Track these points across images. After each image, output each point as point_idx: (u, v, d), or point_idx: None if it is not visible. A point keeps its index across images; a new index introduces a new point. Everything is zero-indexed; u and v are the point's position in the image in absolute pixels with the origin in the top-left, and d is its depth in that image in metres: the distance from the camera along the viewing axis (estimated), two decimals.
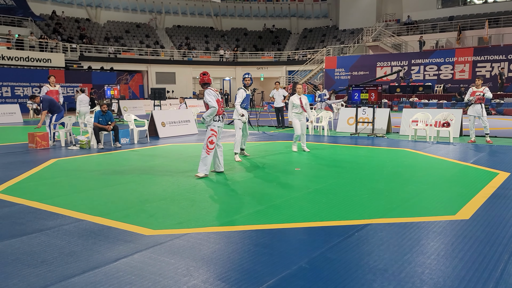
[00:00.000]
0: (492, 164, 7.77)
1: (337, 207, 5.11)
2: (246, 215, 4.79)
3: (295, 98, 9.36)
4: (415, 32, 31.87)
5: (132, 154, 9.51)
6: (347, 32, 37.87)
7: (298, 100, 9.32)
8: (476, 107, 10.67)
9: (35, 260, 3.57)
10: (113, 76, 31.24)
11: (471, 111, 10.79)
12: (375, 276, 3.22)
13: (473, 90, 10.82)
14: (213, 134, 6.79)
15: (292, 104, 9.35)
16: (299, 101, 9.31)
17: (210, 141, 6.73)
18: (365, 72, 29.45)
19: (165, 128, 12.94)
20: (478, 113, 10.66)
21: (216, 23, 42.08)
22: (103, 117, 10.48)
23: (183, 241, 3.99)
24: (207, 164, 6.74)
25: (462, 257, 3.55)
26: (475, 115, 10.75)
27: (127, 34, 36.69)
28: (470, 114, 10.84)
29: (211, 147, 6.75)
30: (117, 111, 21.33)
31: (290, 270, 3.33)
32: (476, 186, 6.05)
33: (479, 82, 10.88)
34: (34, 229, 4.37)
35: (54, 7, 34.42)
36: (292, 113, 9.38)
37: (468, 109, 11.06)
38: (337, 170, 7.41)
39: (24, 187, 6.27)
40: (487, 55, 25.63)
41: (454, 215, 4.71)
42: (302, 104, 9.29)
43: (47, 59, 27.75)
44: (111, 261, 3.53)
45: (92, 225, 4.47)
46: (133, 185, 6.32)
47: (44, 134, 10.51)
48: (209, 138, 6.74)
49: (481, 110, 10.60)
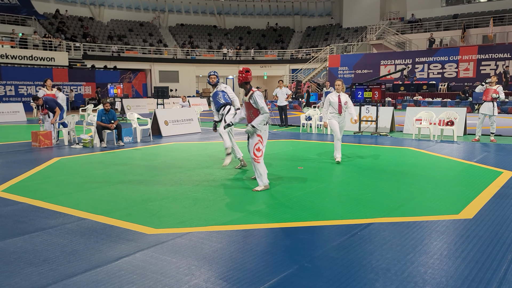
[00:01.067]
0: (496, 163, 7.72)
1: (339, 206, 5.10)
2: (248, 214, 4.78)
3: (333, 96, 7.90)
4: (419, 30, 31.73)
5: (135, 153, 9.52)
6: (351, 30, 37.75)
7: (336, 98, 7.86)
8: (489, 105, 10.47)
9: (37, 258, 3.58)
10: (116, 75, 31.29)
11: (484, 109, 10.56)
12: (378, 275, 3.20)
13: (487, 88, 10.58)
14: (260, 140, 5.89)
15: (329, 102, 7.91)
16: (337, 99, 7.85)
17: (257, 149, 5.87)
18: (368, 70, 29.35)
19: (168, 126, 12.95)
20: (490, 111, 10.46)
21: (220, 22, 42.05)
22: (106, 116, 10.49)
23: (185, 240, 3.98)
24: (263, 174, 5.89)
25: (465, 257, 3.53)
26: (486, 114, 10.55)
27: (131, 32, 36.73)
28: (482, 112, 10.62)
29: (259, 154, 5.88)
30: (120, 109, 21.37)
31: (292, 269, 3.32)
32: (479, 185, 6.01)
33: (494, 79, 10.65)
34: (36, 227, 4.38)
35: (58, 5, 34.51)
36: (329, 114, 7.95)
37: (480, 107, 10.88)
38: (340, 169, 7.38)
39: (27, 185, 6.29)
40: (491, 53, 25.48)
41: (457, 215, 4.69)
42: (341, 103, 7.83)
43: (51, 57, 27.83)
44: (113, 260, 3.53)
45: (94, 224, 4.48)
46: (136, 184, 6.33)
47: (48, 132, 10.54)
48: (255, 145, 5.84)
49: (493, 109, 10.45)
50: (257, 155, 5.85)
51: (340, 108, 7.83)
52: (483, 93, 10.70)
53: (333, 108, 7.86)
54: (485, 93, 10.62)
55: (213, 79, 7.38)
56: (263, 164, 5.91)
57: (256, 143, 5.86)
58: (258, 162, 5.85)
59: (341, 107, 7.82)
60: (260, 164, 5.86)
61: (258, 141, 5.87)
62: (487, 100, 10.53)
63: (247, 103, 5.94)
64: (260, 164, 5.86)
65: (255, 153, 5.85)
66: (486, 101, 10.56)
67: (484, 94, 10.63)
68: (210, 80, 7.40)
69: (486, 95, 10.57)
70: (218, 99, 7.26)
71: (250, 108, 5.89)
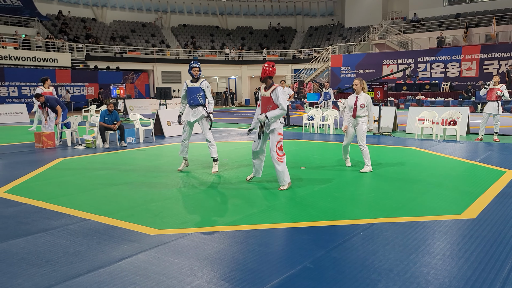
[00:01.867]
0: (499, 162, 7.69)
1: (342, 206, 5.09)
2: (250, 215, 4.78)
3: (351, 98, 7.18)
4: (421, 30, 31.65)
5: (137, 154, 9.53)
6: (353, 30, 37.70)
7: (353, 100, 7.10)
8: (493, 104, 10.49)
9: (40, 259, 3.59)
10: (119, 76, 31.35)
11: (488, 108, 10.58)
12: (380, 276, 3.19)
13: (491, 88, 10.59)
14: (282, 138, 5.83)
15: (349, 105, 7.20)
16: (354, 101, 7.08)
17: (280, 147, 5.77)
18: (371, 70, 29.29)
19: (170, 127, 12.96)
20: (495, 110, 10.47)
21: (222, 22, 42.08)
22: (109, 117, 10.51)
23: (188, 240, 3.98)
24: (286, 173, 5.82)
25: (468, 257, 3.52)
26: (491, 113, 10.56)
27: (133, 33, 36.80)
28: (487, 111, 10.64)
29: (282, 154, 5.79)
30: (123, 110, 21.40)
31: (294, 270, 3.32)
32: (482, 185, 5.99)
33: (497, 78, 10.66)
34: (39, 228, 4.39)
35: (60, 7, 34.61)
36: (347, 117, 7.30)
37: (484, 107, 10.89)
38: (343, 169, 7.37)
39: (30, 186, 6.31)
40: (494, 53, 25.38)
41: (460, 215, 4.67)
42: (356, 105, 7.02)
43: (54, 58, 27.91)
44: (116, 260, 3.54)
45: (97, 225, 4.48)
46: (138, 185, 6.33)
47: (50, 133, 10.57)
48: (278, 144, 5.77)
49: (498, 108, 10.45)
50: (279, 154, 5.76)
51: (355, 111, 7.02)
52: (487, 94, 10.68)
53: (349, 111, 7.21)
54: (489, 93, 10.61)
55: (196, 71, 7.01)
56: (285, 164, 5.82)
57: (278, 141, 5.77)
58: (281, 162, 5.75)
59: (356, 110, 6.99)
60: (283, 163, 5.77)
61: (280, 139, 5.79)
62: (491, 99, 10.51)
63: (266, 97, 5.85)
64: (283, 163, 5.77)
65: (278, 152, 5.75)
66: (490, 100, 10.55)
67: (488, 94, 10.61)
68: (194, 73, 6.99)
69: (490, 95, 10.56)
70: (198, 97, 6.95)
71: (270, 102, 5.79)
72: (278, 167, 5.79)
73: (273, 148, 5.75)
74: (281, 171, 5.79)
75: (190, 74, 7.07)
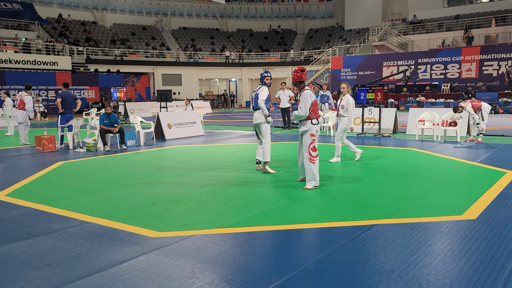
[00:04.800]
0: (500, 163, 7.69)
1: (343, 208, 5.09)
2: (252, 217, 4.78)
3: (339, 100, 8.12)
4: (421, 31, 31.69)
5: (138, 156, 9.54)
6: (353, 32, 37.74)
7: (338, 101, 8.12)
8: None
9: (41, 263, 3.59)
10: (119, 79, 31.40)
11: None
12: (382, 277, 3.19)
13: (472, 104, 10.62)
14: (314, 139, 5.98)
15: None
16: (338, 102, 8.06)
17: (313, 148, 5.92)
18: (371, 71, 29.31)
19: (171, 129, 12.98)
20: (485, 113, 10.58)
21: (222, 25, 42.15)
22: (108, 120, 10.53)
23: (189, 243, 3.99)
24: (315, 174, 5.96)
25: (469, 258, 3.52)
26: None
27: (133, 36, 36.87)
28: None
29: (315, 154, 5.92)
30: (124, 113, 21.42)
31: (296, 271, 3.32)
32: (483, 186, 5.99)
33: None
34: (40, 231, 4.39)
35: (61, 10, 34.70)
36: None
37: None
38: (344, 170, 7.37)
39: (31, 190, 6.32)
40: (494, 54, 25.40)
41: (461, 215, 4.67)
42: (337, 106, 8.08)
43: (54, 62, 27.96)
44: (117, 263, 3.54)
45: (98, 228, 4.49)
46: (139, 187, 6.34)
47: (51, 136, 10.58)
48: (310, 145, 5.92)
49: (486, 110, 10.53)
50: (312, 155, 5.92)
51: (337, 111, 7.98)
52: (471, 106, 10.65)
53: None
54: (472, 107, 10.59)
55: (268, 80, 7.43)
56: (317, 165, 5.98)
57: (311, 143, 5.94)
58: (313, 163, 5.90)
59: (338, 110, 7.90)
60: (315, 164, 5.91)
61: (312, 140, 5.96)
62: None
63: (298, 100, 6.16)
64: (315, 164, 5.91)
65: (311, 153, 5.91)
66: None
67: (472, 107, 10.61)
68: (267, 82, 7.40)
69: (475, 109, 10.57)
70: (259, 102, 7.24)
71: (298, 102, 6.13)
72: (309, 167, 5.95)
73: (306, 148, 5.97)
74: (312, 171, 5.95)
75: (263, 83, 7.36)
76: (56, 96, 11.00)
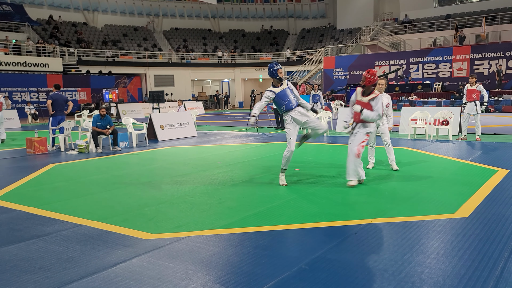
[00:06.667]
0: (491, 161, 7.75)
1: (336, 207, 5.10)
2: (245, 217, 4.77)
3: None
4: (412, 31, 31.89)
5: (131, 158, 9.49)
6: (345, 32, 37.89)
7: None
8: (471, 105, 10.68)
9: (32, 266, 3.56)
10: (111, 80, 31.23)
11: (467, 109, 10.81)
12: (375, 276, 3.20)
13: (468, 89, 10.80)
14: (367, 139, 6.30)
15: None
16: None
17: (362, 146, 6.19)
18: (363, 71, 29.32)
19: (164, 131, 12.92)
20: (472, 111, 10.66)
21: (214, 25, 42.10)
22: (102, 121, 10.46)
23: (182, 244, 3.97)
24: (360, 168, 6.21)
25: (461, 256, 3.54)
26: (469, 113, 10.75)
27: (125, 37, 36.70)
28: (466, 112, 10.84)
29: (362, 151, 6.20)
30: (116, 115, 21.30)
31: (289, 272, 3.32)
32: (475, 184, 6.03)
33: (473, 80, 10.88)
34: (32, 235, 4.35)
35: (51, 11, 34.42)
36: None
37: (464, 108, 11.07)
38: (337, 170, 7.39)
39: (22, 192, 6.25)
40: (484, 53, 25.63)
41: (453, 214, 4.70)
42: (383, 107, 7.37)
43: (45, 63, 27.74)
44: (110, 266, 3.51)
45: (90, 230, 4.45)
46: (132, 189, 6.30)
47: (42, 139, 10.49)
48: (362, 143, 6.19)
49: (476, 108, 10.59)
50: (360, 151, 6.16)
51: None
52: (466, 95, 10.80)
53: None
54: (467, 93, 10.75)
55: (281, 73, 6.40)
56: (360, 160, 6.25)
57: (363, 141, 6.22)
58: (358, 157, 6.17)
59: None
60: (359, 159, 6.19)
61: (365, 139, 6.25)
62: (469, 100, 10.66)
63: (364, 103, 6.19)
64: (359, 159, 6.19)
65: (359, 149, 6.15)
66: (468, 101, 10.69)
67: (467, 94, 10.75)
68: (280, 75, 6.32)
69: (468, 96, 10.69)
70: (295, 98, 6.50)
71: (367, 108, 6.16)
72: (355, 162, 6.13)
73: (357, 143, 6.15)
74: (356, 166, 6.15)
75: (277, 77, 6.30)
76: (47, 98, 10.90)
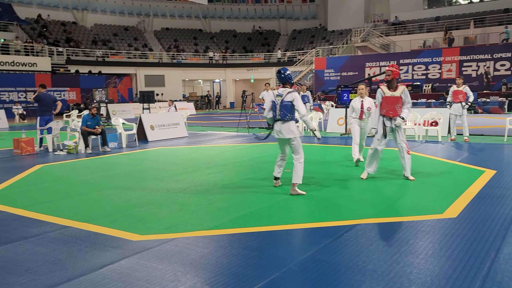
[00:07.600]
0: (479, 162, 7.84)
1: (326, 208, 5.11)
2: (235, 219, 4.76)
3: (356, 101, 7.80)
4: (402, 32, 32.15)
5: (120, 158, 9.42)
6: (336, 33, 38.07)
7: (359, 103, 7.75)
8: (457, 106, 10.80)
9: (19, 268, 3.51)
10: (101, 80, 30.98)
11: (453, 109, 10.94)
12: (364, 277, 3.21)
13: (454, 90, 10.92)
14: None
15: (352, 108, 7.84)
16: (360, 104, 7.73)
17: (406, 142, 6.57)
18: (354, 72, 29.59)
19: (154, 131, 12.85)
20: (458, 112, 10.79)
21: (205, 25, 42.01)
22: (92, 121, 10.37)
23: (172, 246, 3.94)
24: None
25: (449, 256, 3.57)
26: (456, 114, 10.88)
27: (115, 37, 36.44)
28: (452, 113, 10.98)
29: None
30: (106, 115, 21.14)
31: (279, 272, 3.31)
32: (463, 184, 6.09)
33: (459, 81, 11.00)
34: (18, 236, 4.29)
35: (40, 10, 34.06)
36: (352, 118, 7.88)
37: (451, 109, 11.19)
38: (327, 171, 7.41)
39: (9, 194, 6.17)
40: (473, 55, 25.93)
41: (441, 214, 4.74)
42: (363, 109, 7.70)
43: (33, 63, 27.43)
44: (97, 268, 3.48)
45: (78, 232, 4.40)
46: (121, 190, 6.25)
47: (30, 139, 10.36)
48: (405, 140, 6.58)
49: (461, 109, 10.71)
50: (408, 147, 6.50)
51: (361, 114, 7.73)
52: (452, 96, 10.92)
53: (356, 113, 7.81)
54: (453, 95, 10.87)
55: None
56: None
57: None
58: (409, 154, 6.50)
59: (363, 113, 7.70)
60: (410, 155, 6.52)
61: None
62: (455, 101, 10.78)
63: (395, 97, 6.30)
64: (410, 155, 6.52)
65: (407, 145, 6.49)
66: (454, 102, 10.81)
67: (453, 96, 10.87)
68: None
69: (454, 97, 10.82)
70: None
71: (399, 102, 6.30)
72: (408, 158, 6.48)
73: (404, 140, 6.49)
74: (409, 162, 6.49)
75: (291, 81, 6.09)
76: (34, 98, 10.75)
